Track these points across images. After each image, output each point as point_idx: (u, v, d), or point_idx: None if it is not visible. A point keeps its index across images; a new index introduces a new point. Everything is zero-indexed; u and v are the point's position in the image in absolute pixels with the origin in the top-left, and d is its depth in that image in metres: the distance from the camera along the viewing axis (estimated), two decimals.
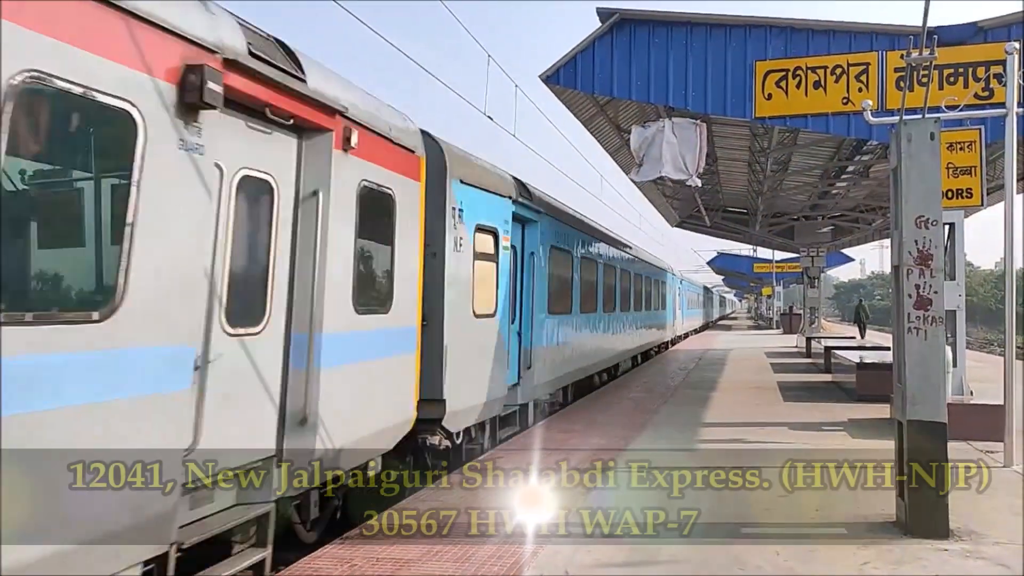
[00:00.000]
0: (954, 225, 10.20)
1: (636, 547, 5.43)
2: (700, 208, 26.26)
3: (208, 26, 4.34)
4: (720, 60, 11.16)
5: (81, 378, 3.49)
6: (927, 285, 5.83)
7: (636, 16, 11.50)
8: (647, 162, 12.26)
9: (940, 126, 6.03)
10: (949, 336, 9.59)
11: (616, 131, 16.61)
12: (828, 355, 18.33)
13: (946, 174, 9.31)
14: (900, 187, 5.93)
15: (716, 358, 23.92)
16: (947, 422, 5.74)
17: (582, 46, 11.65)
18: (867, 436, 9.77)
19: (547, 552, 5.36)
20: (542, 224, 11.49)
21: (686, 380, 17.09)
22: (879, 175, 19.38)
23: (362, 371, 6.05)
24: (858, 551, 5.37)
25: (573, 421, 11.18)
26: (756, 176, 20.91)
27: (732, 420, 11.29)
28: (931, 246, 5.85)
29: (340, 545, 5.55)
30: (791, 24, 11.00)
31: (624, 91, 11.67)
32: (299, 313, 5.35)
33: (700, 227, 32.58)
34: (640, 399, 13.72)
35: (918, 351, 5.81)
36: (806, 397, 13.98)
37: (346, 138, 5.68)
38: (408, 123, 7.16)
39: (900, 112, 6.28)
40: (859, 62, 10.57)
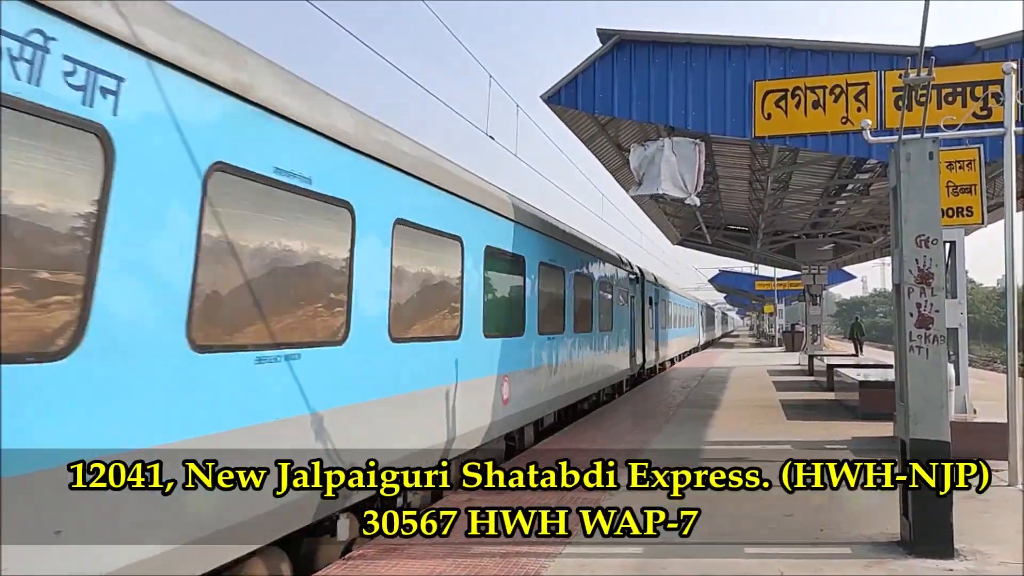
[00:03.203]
0: (955, 243, 10.23)
1: (639, 561, 5.40)
2: (701, 226, 26.33)
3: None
4: (719, 80, 11.27)
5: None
6: (928, 303, 5.85)
7: (636, 37, 11.62)
8: (646, 180, 12.33)
9: (939, 145, 6.08)
10: (951, 354, 9.60)
11: (617, 150, 16.71)
12: (831, 373, 18.28)
13: (946, 192, 9.37)
14: (900, 206, 5.97)
15: (718, 376, 23.86)
16: (950, 441, 5.73)
17: (583, 67, 11.76)
18: (870, 455, 9.73)
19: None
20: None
21: (688, 399, 17.05)
22: (879, 193, 19.46)
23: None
24: (863, 571, 5.34)
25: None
26: (757, 194, 20.99)
27: (735, 438, 11.25)
28: (932, 264, 5.87)
29: (343, 564, 5.52)
30: (790, 44, 11.11)
31: (624, 111, 11.76)
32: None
33: (701, 245, 32.64)
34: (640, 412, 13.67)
35: (920, 369, 5.81)
36: (809, 415, 13.94)
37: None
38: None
39: (899, 131, 6.33)
40: (858, 82, 10.66)
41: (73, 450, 3.52)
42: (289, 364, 5.10)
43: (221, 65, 4.57)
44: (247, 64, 4.87)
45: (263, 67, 5.08)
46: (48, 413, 3.42)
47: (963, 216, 9.64)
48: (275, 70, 5.25)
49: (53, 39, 3.46)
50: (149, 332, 3.97)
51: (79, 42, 3.59)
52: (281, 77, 5.28)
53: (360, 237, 6.01)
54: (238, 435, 4.58)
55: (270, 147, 4.98)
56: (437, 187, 7.58)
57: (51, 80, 3.45)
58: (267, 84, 5.02)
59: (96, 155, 3.69)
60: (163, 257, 4.07)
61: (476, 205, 8.65)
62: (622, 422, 13.13)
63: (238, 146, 4.69)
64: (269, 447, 4.85)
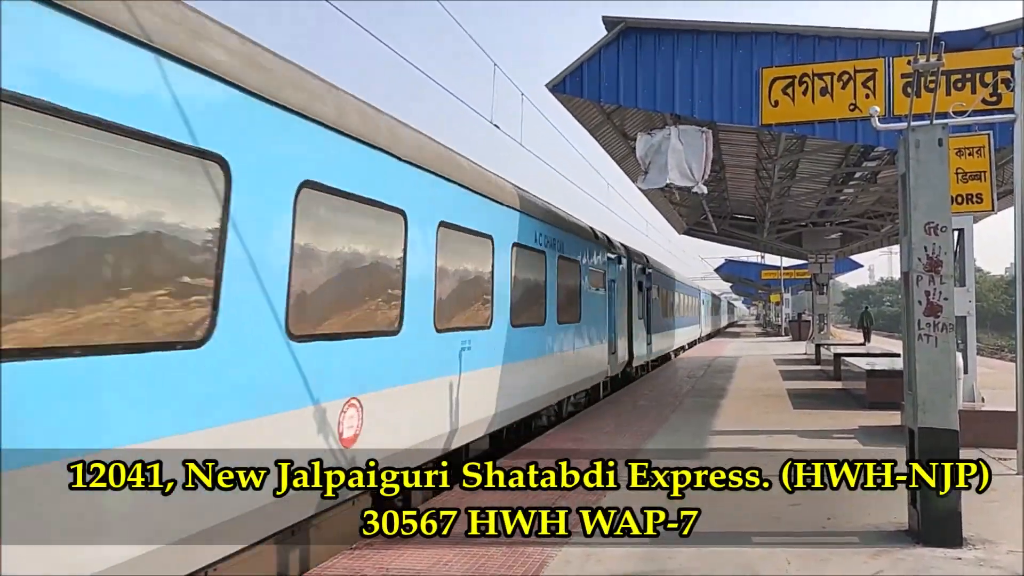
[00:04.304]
0: (963, 231, 10.16)
1: (645, 550, 5.40)
2: (707, 215, 26.25)
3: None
4: (726, 67, 11.18)
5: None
6: (937, 291, 5.80)
7: (642, 24, 11.53)
8: (653, 169, 12.27)
9: (948, 132, 6.02)
10: (959, 343, 9.54)
11: (623, 139, 16.63)
12: (838, 362, 18.23)
13: (955, 179, 9.29)
14: (908, 193, 5.91)
15: (725, 365, 23.83)
16: (959, 429, 5.70)
17: (588, 55, 11.68)
18: (878, 443, 9.70)
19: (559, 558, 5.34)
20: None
21: (695, 388, 17.03)
22: (887, 181, 19.34)
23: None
24: (870, 560, 5.32)
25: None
26: (763, 183, 20.88)
27: (742, 428, 11.23)
28: (940, 252, 5.82)
29: (349, 554, 5.54)
30: (797, 31, 11.01)
31: (630, 99, 11.69)
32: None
33: (708, 234, 32.52)
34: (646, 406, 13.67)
35: (928, 358, 5.77)
36: (816, 404, 13.91)
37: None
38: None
39: (908, 118, 6.26)
40: (866, 68, 10.56)
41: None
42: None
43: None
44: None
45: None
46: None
47: (973, 203, 9.56)
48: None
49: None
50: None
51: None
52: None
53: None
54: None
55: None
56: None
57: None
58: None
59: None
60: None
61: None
62: (629, 412, 13.13)
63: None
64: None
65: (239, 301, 4.61)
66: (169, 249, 4.09)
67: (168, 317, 4.07)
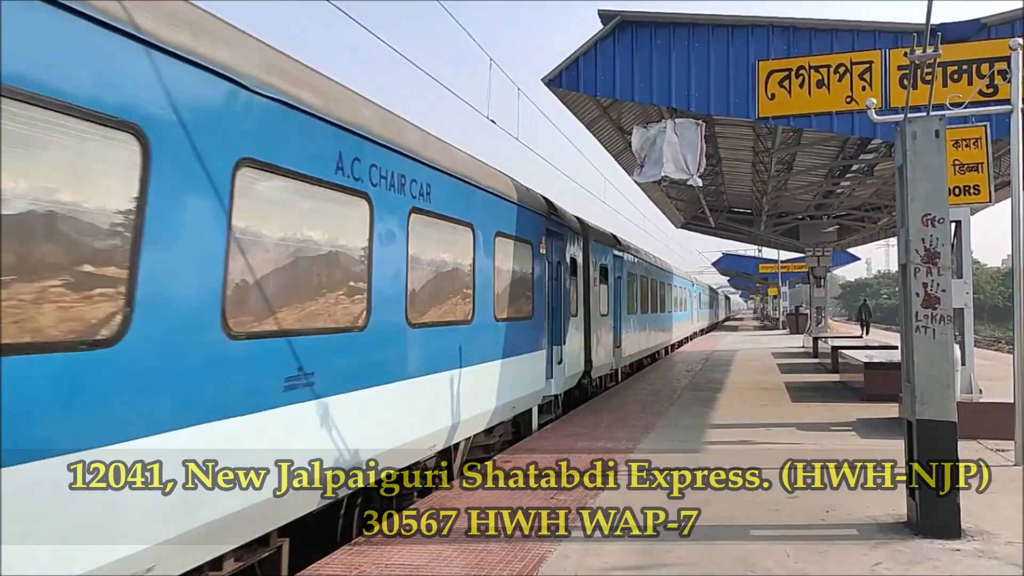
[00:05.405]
0: (960, 223, 10.15)
1: (643, 546, 5.40)
2: (704, 209, 26.24)
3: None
4: (723, 60, 11.14)
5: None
6: (934, 283, 5.79)
7: (638, 18, 11.49)
8: (649, 163, 12.24)
9: (945, 123, 6.00)
10: (957, 334, 9.55)
11: (619, 133, 16.61)
12: (835, 355, 18.25)
13: (952, 171, 9.27)
14: (906, 185, 5.90)
15: (722, 359, 23.85)
16: (957, 421, 5.70)
17: (584, 48, 11.64)
18: (876, 436, 9.71)
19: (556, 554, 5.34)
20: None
21: (693, 382, 17.04)
22: (884, 173, 19.33)
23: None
24: (869, 552, 5.33)
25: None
26: (760, 176, 20.87)
27: (739, 421, 11.24)
28: (938, 244, 5.81)
29: (349, 550, 5.54)
30: (793, 24, 10.98)
31: (627, 93, 11.65)
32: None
33: (705, 228, 32.55)
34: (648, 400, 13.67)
35: (926, 350, 5.77)
36: (814, 397, 13.92)
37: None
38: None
39: (904, 110, 6.25)
40: (862, 60, 10.54)
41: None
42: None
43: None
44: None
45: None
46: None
47: (970, 195, 9.56)
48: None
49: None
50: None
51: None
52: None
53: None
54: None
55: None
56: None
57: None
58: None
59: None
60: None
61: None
62: (628, 406, 13.12)
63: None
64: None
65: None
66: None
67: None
